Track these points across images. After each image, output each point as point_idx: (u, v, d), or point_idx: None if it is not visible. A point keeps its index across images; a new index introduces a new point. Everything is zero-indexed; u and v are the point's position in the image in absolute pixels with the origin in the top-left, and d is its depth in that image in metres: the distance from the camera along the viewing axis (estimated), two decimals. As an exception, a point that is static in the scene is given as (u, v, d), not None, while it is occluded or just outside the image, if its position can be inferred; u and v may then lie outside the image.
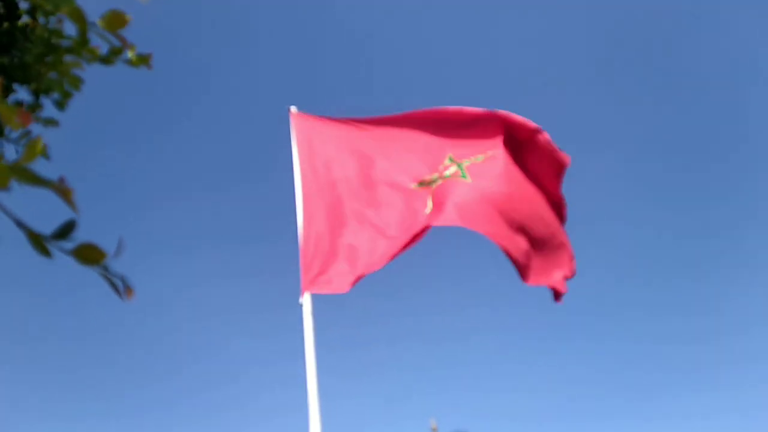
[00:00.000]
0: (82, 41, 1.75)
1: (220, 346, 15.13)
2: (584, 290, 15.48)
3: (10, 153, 1.99)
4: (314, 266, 3.95)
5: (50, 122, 1.93)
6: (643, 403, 13.83)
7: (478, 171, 4.37)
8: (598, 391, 14.30)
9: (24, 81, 1.80)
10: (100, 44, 1.83)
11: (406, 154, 4.52)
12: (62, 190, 0.86)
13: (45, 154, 1.88)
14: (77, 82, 1.79)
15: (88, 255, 0.84)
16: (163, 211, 16.55)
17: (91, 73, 1.81)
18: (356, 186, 4.34)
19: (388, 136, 4.56)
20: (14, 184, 1.07)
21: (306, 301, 3.92)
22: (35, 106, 1.94)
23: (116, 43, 1.55)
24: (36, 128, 1.93)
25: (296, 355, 3.84)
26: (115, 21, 1.48)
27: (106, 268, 0.85)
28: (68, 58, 1.74)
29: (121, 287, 0.86)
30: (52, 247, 0.88)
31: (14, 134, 1.91)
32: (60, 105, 2.00)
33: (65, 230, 0.96)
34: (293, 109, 4.65)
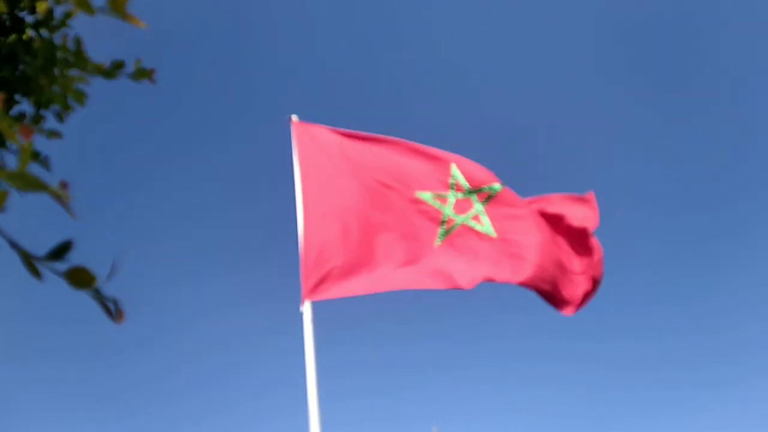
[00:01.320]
0: (79, 54, 1.77)
1: (220, 345, 15.14)
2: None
3: (11, 163, 2.01)
4: (315, 275, 3.98)
5: (53, 134, 1.95)
6: (649, 407, 13.79)
7: (502, 217, 4.38)
8: (603, 394, 14.23)
9: (26, 93, 1.83)
10: (104, 58, 1.86)
11: (407, 162, 4.53)
12: (60, 196, 0.87)
13: (47, 166, 1.90)
14: (81, 97, 1.81)
15: (80, 278, 0.86)
16: (162, 215, 16.59)
17: (89, 88, 1.83)
18: (358, 195, 4.35)
19: (389, 146, 4.57)
20: (9, 205, 1.09)
21: (306, 309, 3.95)
22: (38, 118, 1.96)
23: (127, 21, 1.55)
24: (39, 140, 1.95)
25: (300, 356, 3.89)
26: (119, 1, 1.48)
27: (98, 291, 0.86)
28: (73, 72, 1.76)
29: (113, 310, 0.87)
30: (45, 268, 0.89)
31: (15, 146, 1.93)
32: (60, 118, 2.02)
33: (61, 251, 0.98)
34: (294, 118, 4.67)
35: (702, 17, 14.81)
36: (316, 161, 4.42)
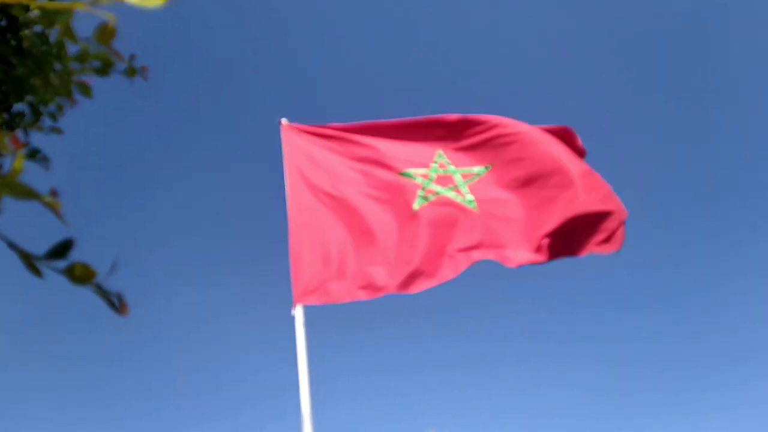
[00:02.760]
0: (60, 51, 1.77)
1: (216, 349, 15.09)
2: (586, 291, 15.53)
3: (7, 167, 2.00)
4: (306, 278, 3.97)
5: (54, 130, 1.96)
6: (651, 409, 13.82)
7: (485, 193, 4.33)
8: (604, 396, 14.24)
9: (19, 94, 1.82)
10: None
11: (394, 148, 4.52)
12: (51, 204, 0.87)
13: (46, 164, 1.89)
14: (87, 90, 1.80)
15: (80, 274, 0.86)
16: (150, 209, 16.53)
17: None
18: (347, 197, 4.35)
19: (378, 132, 4.55)
20: (4, 204, 1.08)
21: (298, 313, 3.94)
22: (37, 116, 1.96)
23: (111, 56, 1.56)
24: (38, 137, 1.96)
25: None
26: (105, 34, 1.49)
27: (99, 286, 0.86)
28: (74, 65, 1.75)
29: (117, 303, 0.87)
30: (45, 267, 0.89)
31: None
32: (54, 117, 2.02)
33: (62, 249, 0.98)
34: (284, 121, 4.68)
35: (708, 18, 14.88)
36: (306, 164, 4.41)
